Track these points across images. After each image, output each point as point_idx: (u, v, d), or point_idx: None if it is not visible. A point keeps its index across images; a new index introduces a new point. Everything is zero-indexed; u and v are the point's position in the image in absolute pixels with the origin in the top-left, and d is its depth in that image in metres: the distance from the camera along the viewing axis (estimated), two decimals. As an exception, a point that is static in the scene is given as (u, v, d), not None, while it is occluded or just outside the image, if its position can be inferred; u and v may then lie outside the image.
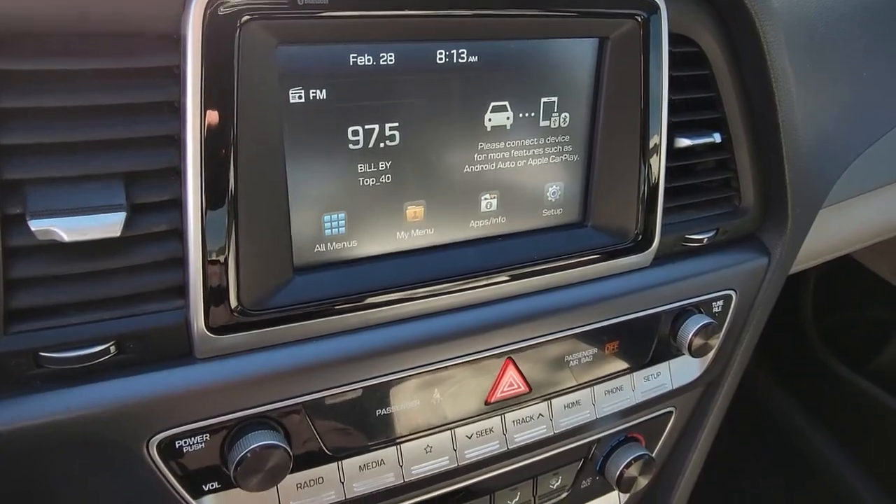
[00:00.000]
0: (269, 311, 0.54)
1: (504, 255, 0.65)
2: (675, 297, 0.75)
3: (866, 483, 1.87)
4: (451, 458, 0.67)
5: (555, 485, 0.79)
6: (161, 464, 0.53)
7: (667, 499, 0.92)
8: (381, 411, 0.61)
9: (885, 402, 1.78)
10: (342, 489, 0.62)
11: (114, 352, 0.51)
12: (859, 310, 1.89)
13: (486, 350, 0.64)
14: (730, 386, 0.88)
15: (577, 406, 0.73)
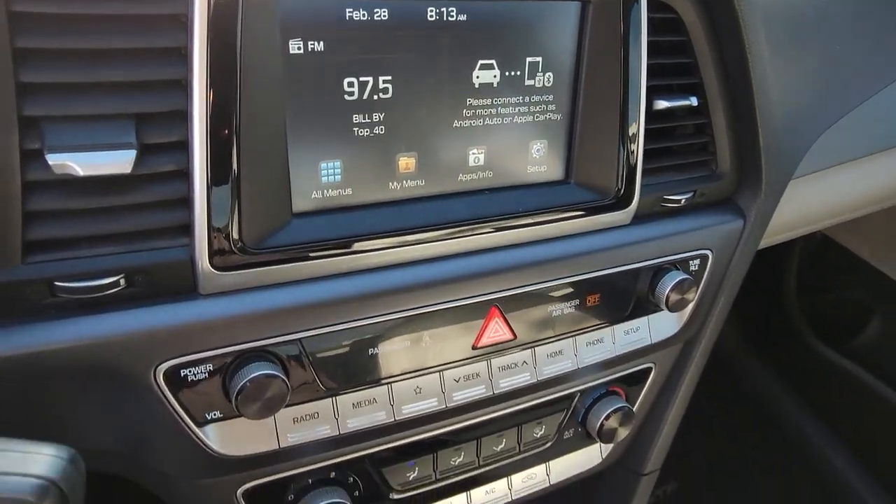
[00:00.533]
0: (268, 251, 0.58)
1: (490, 207, 0.68)
2: (654, 255, 0.79)
3: (847, 460, 1.92)
4: (440, 399, 0.70)
5: (538, 434, 0.83)
6: (167, 391, 0.57)
7: (645, 454, 0.97)
8: (373, 351, 0.65)
9: (864, 381, 1.84)
10: (336, 424, 0.65)
11: (123, 285, 0.54)
12: (841, 291, 1.94)
13: (473, 297, 0.68)
14: (706, 344, 0.92)
15: (560, 356, 0.77)
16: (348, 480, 0.72)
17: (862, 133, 1.03)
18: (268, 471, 0.67)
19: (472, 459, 0.80)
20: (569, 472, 0.90)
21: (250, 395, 0.57)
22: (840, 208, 1.12)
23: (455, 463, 0.79)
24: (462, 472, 0.80)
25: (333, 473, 0.71)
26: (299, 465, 0.68)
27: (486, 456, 0.81)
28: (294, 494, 0.69)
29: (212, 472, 0.63)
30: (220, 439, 0.61)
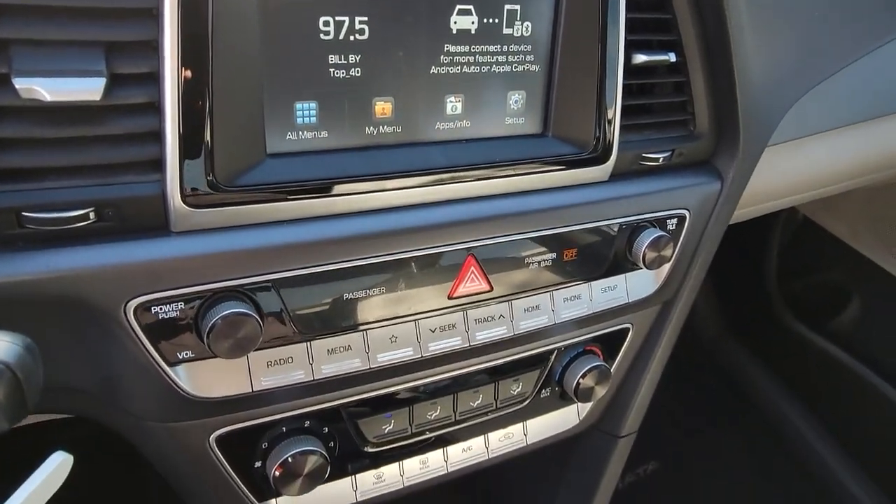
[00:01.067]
0: (241, 190, 0.58)
1: (468, 156, 0.68)
2: (631, 212, 0.79)
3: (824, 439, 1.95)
4: (416, 349, 0.70)
5: (515, 391, 0.84)
6: (137, 328, 0.56)
7: (622, 416, 0.97)
8: (348, 296, 0.64)
9: (841, 360, 1.86)
10: (311, 370, 0.65)
11: (93, 218, 0.54)
12: (821, 273, 1.96)
13: (449, 245, 0.68)
14: (683, 307, 0.93)
15: (537, 310, 0.77)
16: (323, 431, 0.72)
17: (838, 104, 1.04)
18: (241, 416, 0.66)
19: (448, 414, 0.80)
20: (546, 433, 0.91)
21: (222, 332, 0.56)
22: (815, 180, 1.14)
23: (431, 417, 0.79)
24: (439, 428, 0.80)
25: (308, 423, 0.71)
26: (273, 413, 0.68)
27: (462, 412, 0.81)
28: (268, 443, 0.69)
29: (184, 415, 0.63)
30: (192, 380, 0.60)
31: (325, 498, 0.77)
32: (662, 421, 2.13)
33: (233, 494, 0.70)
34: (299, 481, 0.68)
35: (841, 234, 1.84)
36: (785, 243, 2.03)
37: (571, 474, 1.02)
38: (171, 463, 0.68)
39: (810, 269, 1.99)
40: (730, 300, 2.20)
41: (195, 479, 0.69)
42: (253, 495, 0.71)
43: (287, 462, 0.67)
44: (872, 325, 1.83)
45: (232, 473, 0.69)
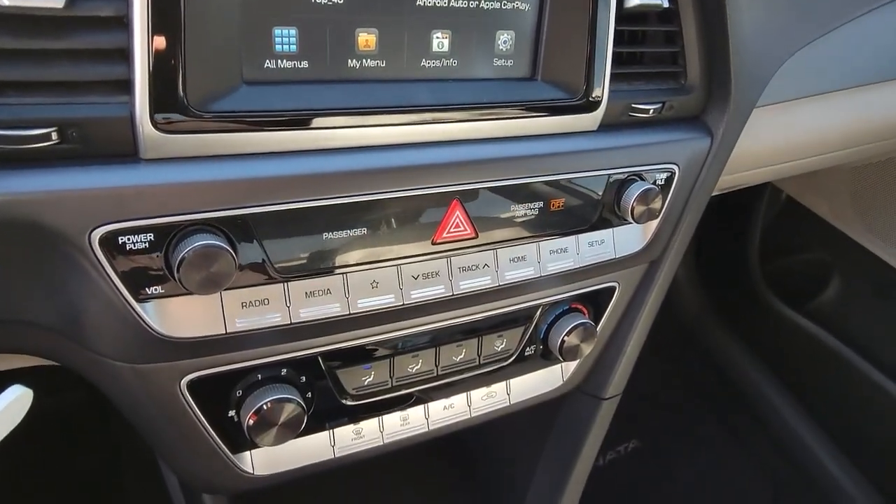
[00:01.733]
0: (215, 116, 0.55)
1: (454, 95, 0.66)
2: (620, 164, 0.77)
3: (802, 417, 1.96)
4: (397, 296, 0.68)
5: (499, 347, 0.82)
6: (103, 259, 0.53)
7: (606, 378, 0.96)
8: (328, 236, 0.62)
9: (821, 339, 1.87)
10: (287, 313, 0.63)
11: (56, 139, 0.51)
12: (802, 252, 1.97)
13: (433, 187, 0.66)
14: (669, 268, 0.92)
15: (523, 262, 0.75)
16: (300, 380, 0.70)
17: (827, 68, 1.03)
18: (214, 361, 0.64)
19: (430, 369, 0.78)
20: (530, 393, 0.89)
21: (193, 264, 0.53)
22: (802, 147, 1.13)
23: (412, 370, 0.77)
24: (420, 383, 0.78)
25: (284, 371, 0.68)
26: (248, 358, 0.65)
27: (444, 366, 0.79)
28: (242, 391, 0.67)
29: (153, 356, 0.60)
30: (162, 319, 0.57)
31: (302, 453, 0.74)
32: (643, 400, 2.13)
33: (205, 445, 0.68)
34: (274, 431, 0.66)
35: (823, 212, 1.85)
36: (768, 223, 2.04)
37: (554, 436, 1.00)
38: (140, 410, 0.65)
39: (792, 249, 2.00)
40: (712, 280, 2.20)
41: (166, 428, 0.66)
42: (226, 446, 0.69)
43: (262, 410, 0.65)
44: (851, 303, 1.84)
45: (204, 422, 0.66)
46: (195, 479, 0.72)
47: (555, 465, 1.00)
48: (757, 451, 2.01)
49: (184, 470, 0.71)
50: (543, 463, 1.01)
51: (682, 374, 2.21)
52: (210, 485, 0.72)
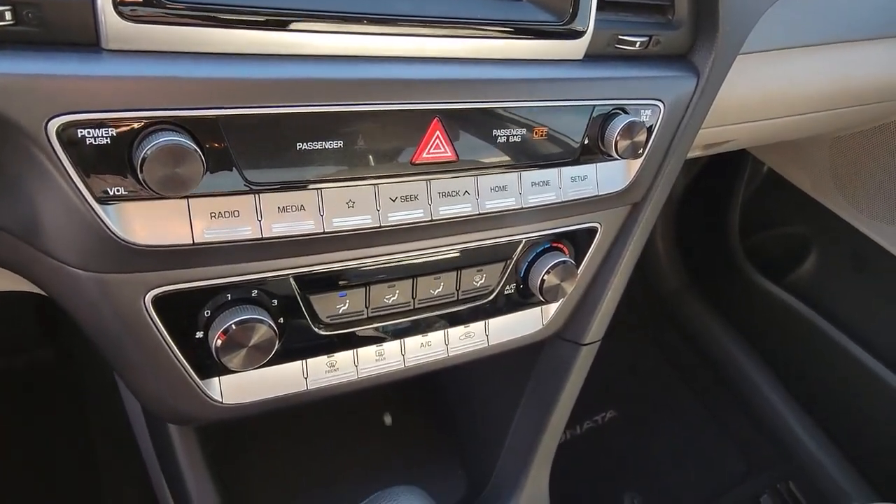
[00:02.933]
0: (186, 7, 0.52)
1: (437, 7, 0.63)
2: (605, 95, 0.76)
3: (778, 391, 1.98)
4: (374, 217, 0.66)
5: (478, 282, 0.80)
6: (61, 153, 0.50)
7: (587, 323, 0.94)
8: (302, 146, 0.59)
9: (800, 312, 1.89)
10: (259, 227, 0.60)
11: (10, 19, 0.48)
12: (782, 226, 1.98)
13: (414, 103, 0.63)
14: (652, 212, 0.90)
15: (504, 192, 0.73)
16: (272, 304, 0.67)
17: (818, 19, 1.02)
18: (181, 276, 0.61)
19: (407, 301, 0.76)
20: (508, 336, 0.87)
21: (158, 161, 0.51)
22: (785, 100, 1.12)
23: (389, 301, 0.75)
24: (396, 315, 0.76)
25: (255, 293, 0.66)
26: (217, 276, 0.63)
27: (422, 299, 0.77)
28: (210, 311, 0.64)
29: (116, 265, 0.57)
30: (125, 223, 0.55)
31: (274, 383, 0.72)
32: (621, 372, 2.14)
33: (171, 368, 0.65)
34: (243, 352, 0.64)
35: (803, 185, 1.86)
36: (748, 197, 2.05)
37: (533, 383, 0.99)
38: (104, 328, 0.63)
39: (772, 223, 2.01)
40: (692, 253, 2.21)
41: (130, 349, 0.64)
42: (194, 371, 0.66)
43: (231, 330, 0.62)
44: (830, 276, 1.86)
45: (170, 342, 0.63)
46: (160, 407, 0.69)
47: (533, 412, 0.99)
48: (731, 423, 2.03)
49: (149, 397, 0.68)
50: (522, 409, 1.00)
51: (659, 347, 2.22)
52: (176, 413, 0.69)
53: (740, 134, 1.18)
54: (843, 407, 1.84)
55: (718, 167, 2.09)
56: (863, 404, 1.77)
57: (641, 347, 2.21)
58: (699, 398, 2.10)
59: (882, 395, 1.71)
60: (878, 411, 1.74)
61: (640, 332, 2.25)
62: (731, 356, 2.06)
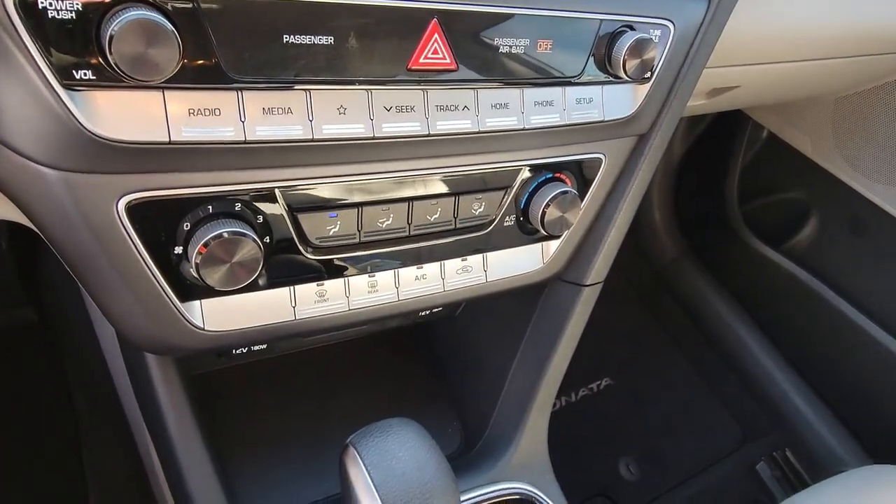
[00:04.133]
0: None
1: None
2: (612, 10, 0.71)
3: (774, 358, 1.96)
4: (367, 127, 0.61)
5: (477, 211, 0.76)
6: (19, 25, 0.45)
7: (589, 264, 0.90)
8: (288, 39, 0.54)
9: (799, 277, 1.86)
10: (242, 129, 0.55)
11: None
12: (782, 191, 1.94)
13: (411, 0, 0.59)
14: (658, 144, 0.86)
15: (505, 109, 0.69)
16: (257, 220, 0.63)
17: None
18: (157, 181, 0.56)
19: (402, 226, 0.71)
20: (507, 272, 0.83)
21: (128, 37, 0.46)
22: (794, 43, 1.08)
23: (383, 226, 0.70)
24: (390, 242, 0.72)
25: (239, 206, 0.61)
26: (196, 183, 0.58)
27: (417, 225, 0.72)
28: (190, 224, 0.59)
29: (85, 161, 0.52)
30: (93, 112, 0.50)
31: (260, 310, 0.68)
32: (617, 340, 2.11)
33: (148, 288, 0.61)
34: (225, 269, 0.59)
35: (803, 148, 1.82)
36: (747, 163, 2.01)
37: (532, 328, 0.95)
38: (74, 242, 0.57)
39: (771, 188, 1.97)
40: (689, 222, 2.18)
41: (103, 267, 0.59)
42: (173, 291, 0.62)
43: (212, 242, 0.58)
44: (828, 241, 1.83)
45: (146, 256, 0.59)
46: (137, 333, 0.64)
47: (532, 357, 0.95)
48: (727, 391, 2.01)
49: (125, 321, 0.64)
50: (521, 356, 0.96)
51: (655, 316, 2.19)
52: (154, 340, 0.65)
53: (745, 79, 1.14)
54: (841, 372, 1.82)
55: (717, 133, 2.06)
56: (861, 369, 1.75)
57: (637, 316, 2.19)
58: (695, 366, 2.07)
59: (880, 359, 1.69)
60: (876, 375, 1.72)
61: (636, 301, 2.23)
62: (728, 324, 2.03)
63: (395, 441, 0.63)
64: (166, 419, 0.78)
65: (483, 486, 0.91)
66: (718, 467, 1.85)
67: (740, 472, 1.85)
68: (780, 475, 1.82)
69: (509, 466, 0.93)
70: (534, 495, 0.92)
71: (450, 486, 0.63)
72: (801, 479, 1.81)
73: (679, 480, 1.81)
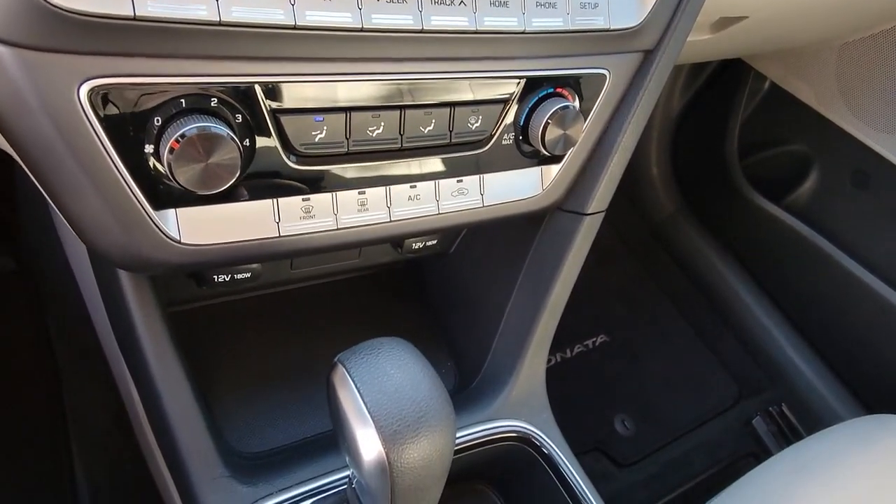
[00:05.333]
0: None
1: None
2: None
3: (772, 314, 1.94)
4: (355, 16, 0.56)
5: (474, 125, 0.71)
6: None
7: (590, 191, 0.86)
8: None
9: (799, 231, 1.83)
10: (216, 7, 0.50)
11: None
12: (782, 145, 1.90)
13: None
14: (665, 63, 0.81)
15: (505, 7, 0.64)
16: (235, 119, 0.58)
17: None
18: (122, 65, 0.51)
19: (394, 136, 0.66)
20: (505, 197, 0.79)
21: None
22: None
23: (373, 135, 0.65)
24: (381, 154, 0.67)
25: (215, 102, 0.56)
26: (166, 71, 0.53)
27: (410, 136, 0.67)
28: (162, 119, 0.54)
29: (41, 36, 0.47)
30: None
31: (241, 223, 0.63)
32: (613, 297, 2.08)
33: (116, 190, 0.55)
34: (201, 168, 0.54)
35: (806, 98, 1.78)
36: (748, 116, 1.96)
37: (530, 262, 0.91)
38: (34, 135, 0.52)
39: (772, 141, 1.93)
40: (688, 177, 2.13)
41: (66, 164, 0.54)
42: (144, 195, 0.57)
43: (186, 137, 0.53)
44: (830, 194, 1.80)
45: (111, 151, 0.53)
46: (106, 241, 0.59)
47: (530, 292, 0.90)
48: (723, 348, 1.99)
49: (93, 229, 0.59)
50: (518, 291, 0.92)
51: (652, 274, 2.16)
52: (125, 252, 0.60)
53: (754, 7, 1.09)
54: (841, 327, 1.79)
55: (717, 86, 2.01)
56: (862, 324, 1.73)
57: (633, 274, 2.15)
58: (692, 323, 2.05)
59: (881, 314, 1.67)
60: (877, 330, 1.69)
61: (631, 259, 2.19)
62: (726, 280, 2.00)
63: (386, 358, 0.59)
64: (145, 351, 0.73)
65: (479, 424, 0.87)
66: (714, 423, 1.83)
67: (736, 427, 1.83)
68: (775, 430, 1.81)
69: (506, 405, 0.90)
70: (532, 433, 0.89)
71: (446, 406, 0.59)
72: (796, 434, 1.80)
73: (674, 436, 1.79)
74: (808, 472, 1.18)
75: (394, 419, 0.56)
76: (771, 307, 1.95)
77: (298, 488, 0.74)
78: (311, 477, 0.75)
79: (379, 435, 0.55)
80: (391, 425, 0.55)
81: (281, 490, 0.73)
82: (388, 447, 0.55)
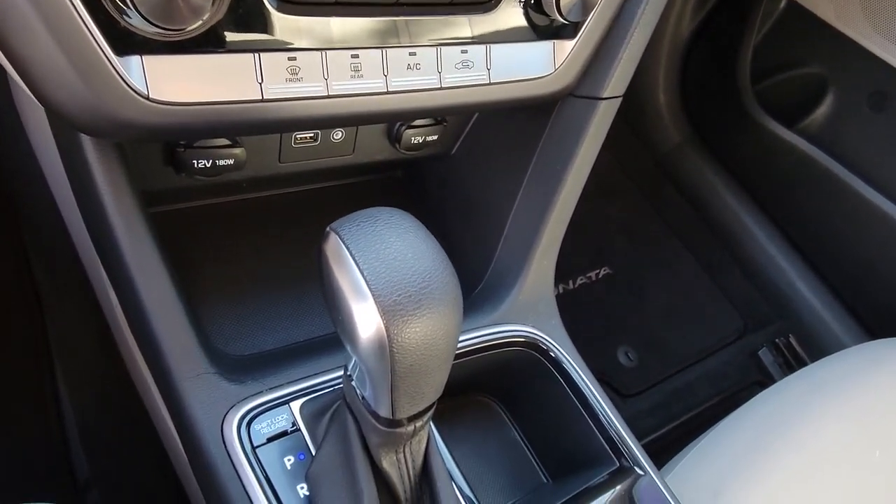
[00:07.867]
0: None
1: None
2: None
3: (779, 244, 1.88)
4: None
5: None
6: None
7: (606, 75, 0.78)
8: None
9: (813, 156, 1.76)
10: None
11: None
12: (796, 68, 1.81)
13: None
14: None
15: None
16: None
17: None
18: None
19: (389, -12, 0.59)
20: (513, 74, 0.71)
21: None
22: None
23: (365, -16, 0.57)
24: (375, 9, 0.59)
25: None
26: None
27: (408, -12, 0.60)
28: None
29: None
30: None
31: (218, 79, 0.55)
32: (617, 230, 2.02)
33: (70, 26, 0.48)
34: (167, -4, 0.47)
35: (826, 14, 1.68)
36: (761, 39, 1.86)
37: (539, 153, 0.84)
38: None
39: (787, 64, 1.84)
40: (697, 104, 2.04)
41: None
42: (102, 34, 0.49)
43: (146, -43, 0.45)
44: (845, 118, 1.72)
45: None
46: (63, 93, 0.52)
47: (539, 185, 0.83)
48: (729, 281, 1.94)
49: (44, 79, 0.51)
50: (526, 187, 0.85)
51: (656, 207, 2.09)
52: (85, 107, 0.52)
53: None
54: (852, 255, 1.74)
55: (730, 7, 1.90)
56: (875, 249, 1.67)
57: (638, 206, 2.09)
58: (697, 256, 1.99)
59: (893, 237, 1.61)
60: (888, 254, 1.64)
61: (635, 192, 2.12)
62: (734, 211, 1.94)
63: (384, 226, 0.52)
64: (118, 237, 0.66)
65: (483, 328, 0.81)
66: (719, 355, 1.80)
67: (741, 358, 1.80)
68: (781, 361, 1.77)
69: (513, 309, 0.84)
70: (539, 338, 0.83)
71: (452, 278, 0.52)
72: (802, 364, 1.77)
73: (678, 367, 1.75)
74: (822, 392, 1.15)
75: (394, 290, 0.49)
76: (780, 238, 1.89)
77: (291, 386, 0.68)
78: (304, 376, 0.70)
79: (378, 307, 0.48)
80: (390, 296, 0.49)
81: (272, 388, 0.68)
82: (387, 321, 0.49)
